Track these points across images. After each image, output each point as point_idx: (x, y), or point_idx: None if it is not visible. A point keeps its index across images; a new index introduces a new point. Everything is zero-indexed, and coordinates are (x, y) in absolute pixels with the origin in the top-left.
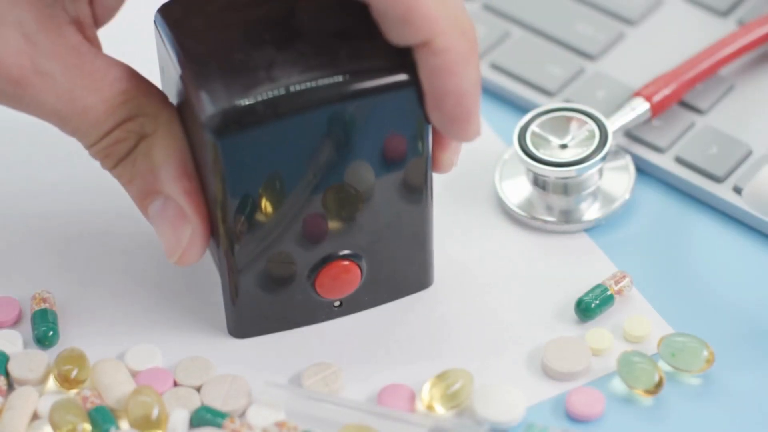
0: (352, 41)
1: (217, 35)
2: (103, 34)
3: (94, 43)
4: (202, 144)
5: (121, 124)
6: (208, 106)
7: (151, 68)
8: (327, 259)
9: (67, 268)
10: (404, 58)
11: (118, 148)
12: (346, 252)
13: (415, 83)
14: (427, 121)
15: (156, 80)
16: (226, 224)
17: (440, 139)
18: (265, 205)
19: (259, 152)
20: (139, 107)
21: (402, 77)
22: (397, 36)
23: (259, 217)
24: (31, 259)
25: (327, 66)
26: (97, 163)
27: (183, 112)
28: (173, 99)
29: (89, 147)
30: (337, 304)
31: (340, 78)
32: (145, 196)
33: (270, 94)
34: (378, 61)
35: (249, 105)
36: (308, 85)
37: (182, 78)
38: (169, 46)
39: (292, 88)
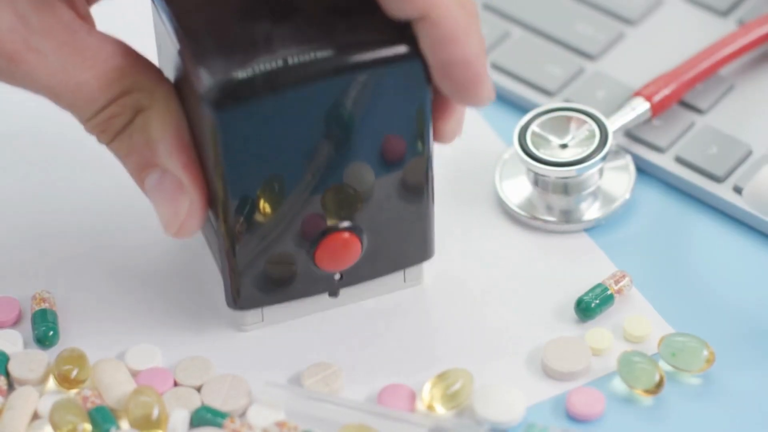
0: (350, 15)
1: (214, 9)
2: (100, 11)
3: (87, 20)
4: (200, 118)
5: (116, 99)
6: (206, 79)
7: (148, 45)
8: (327, 232)
9: (67, 268)
10: (403, 32)
11: (113, 123)
12: (346, 224)
13: (413, 55)
14: (430, 92)
15: (153, 57)
16: (225, 196)
17: (442, 108)
18: (265, 177)
19: (258, 125)
20: (134, 82)
21: (401, 49)
22: (396, 9)
23: (259, 189)
24: (31, 259)
25: (325, 39)
26: (97, 163)
27: (181, 87)
28: (171, 75)
29: (85, 122)
30: (337, 276)
31: (338, 51)
32: (141, 169)
33: (268, 67)
34: (376, 34)
35: (247, 78)
36: (306, 57)
37: (180, 52)
38: (166, 21)
39: (290, 61)
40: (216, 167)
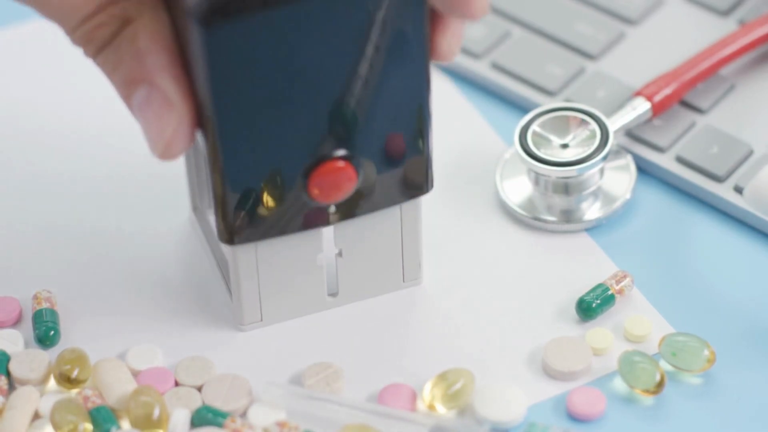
0: None
1: None
2: None
3: None
4: (189, 35)
5: (103, 7)
6: None
7: None
8: (321, 159)
9: (68, 267)
10: None
11: (100, 33)
12: (341, 152)
13: None
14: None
15: None
16: (214, 116)
17: (439, 23)
18: (256, 100)
19: (249, 43)
20: None
21: None
22: None
23: (250, 112)
24: (32, 258)
25: None
26: (97, 164)
27: (170, 2)
28: None
29: (71, 32)
30: (332, 210)
31: None
32: (129, 84)
33: None
34: None
35: None
36: None
37: None
38: None
39: None
40: (205, 86)
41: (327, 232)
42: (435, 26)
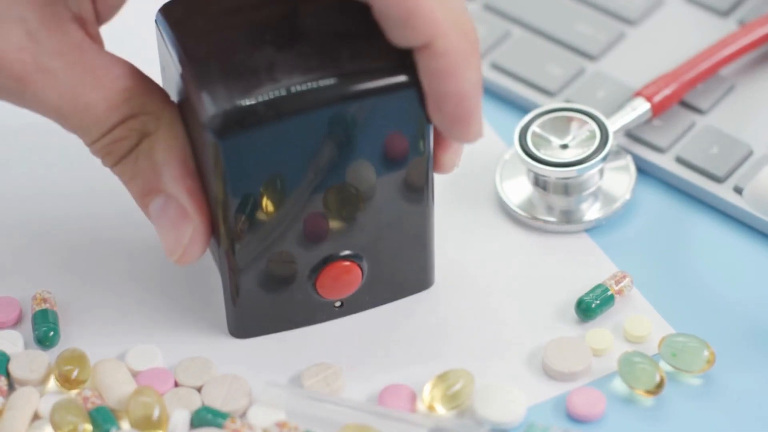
0: (353, 42)
1: (218, 35)
2: (105, 31)
3: (97, 40)
4: (203, 144)
5: (122, 122)
6: (209, 107)
7: (153, 67)
8: (328, 260)
9: (68, 268)
10: (405, 59)
11: (119, 146)
12: (347, 252)
13: (415, 84)
14: (429, 121)
15: (157, 79)
16: (226, 224)
17: (442, 139)
18: (266, 204)
19: (260, 152)
20: (141, 105)
21: (402, 78)
22: (399, 37)
23: (260, 216)
24: (32, 259)
25: (328, 67)
26: (97, 165)
27: (184, 111)
28: (174, 98)
29: (90, 144)
30: (338, 304)
31: (340, 79)
32: (146, 194)
33: (271, 95)
34: (378, 62)
35: (250, 105)
36: (309, 85)
37: (183, 78)
38: (170, 46)
39: (293, 89)
40: (218, 191)
41: None
42: (439, 144)
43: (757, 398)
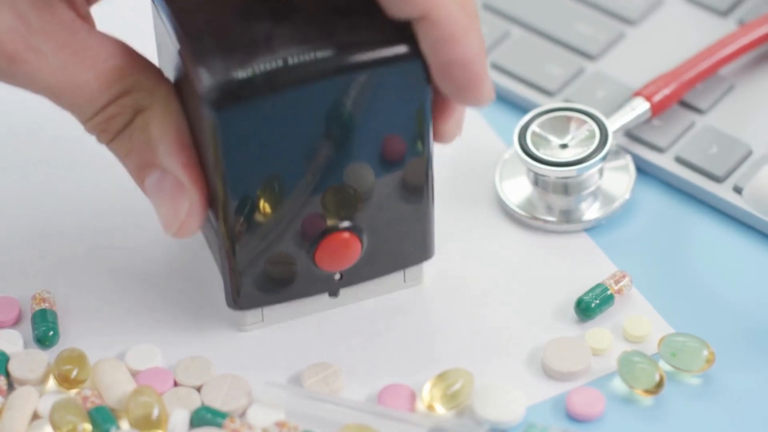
0: (350, 15)
1: (214, 9)
2: (100, 11)
3: (88, 20)
4: (200, 118)
5: (116, 99)
6: (206, 79)
7: (148, 45)
8: (327, 232)
9: (68, 267)
10: (403, 32)
11: (113, 123)
12: (346, 224)
13: (413, 55)
14: (431, 92)
15: (153, 57)
16: (225, 196)
17: (442, 108)
18: (265, 177)
19: (258, 125)
20: (134, 82)
21: (401, 49)
22: (396, 9)
23: (259, 189)
24: (31, 259)
25: (325, 39)
26: (97, 165)
27: (181, 88)
28: (171, 75)
29: (85, 122)
30: (337, 276)
31: (338, 51)
32: (141, 169)
33: (268, 67)
34: (376, 34)
35: (247, 77)
36: (306, 57)
37: (180, 53)
38: (166, 22)
39: (290, 61)
40: (216, 167)
41: None
42: (439, 111)
43: (757, 398)
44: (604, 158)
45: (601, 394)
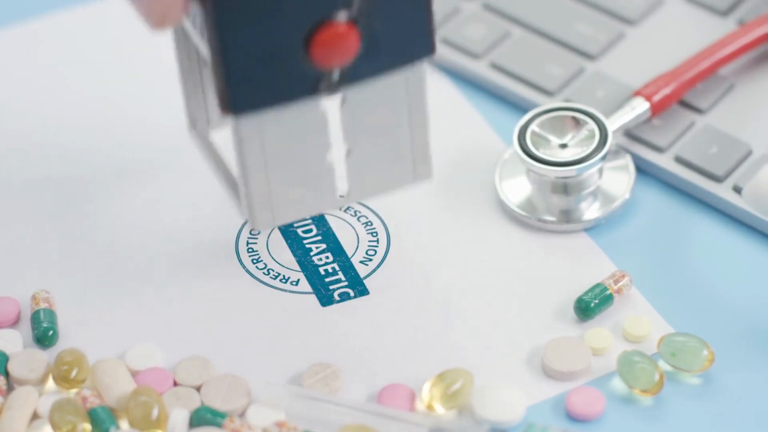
0: None
1: None
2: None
3: None
4: None
5: None
6: None
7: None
8: (322, 21)
9: (67, 268)
10: None
11: None
12: (342, 13)
13: None
14: None
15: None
16: None
17: None
18: None
19: None
20: None
21: None
22: None
23: None
24: (31, 259)
25: None
26: (97, 165)
27: None
28: None
29: None
30: (335, 76)
31: None
32: None
33: None
34: None
35: None
36: None
37: None
38: None
39: None
40: None
41: (334, 128)
42: None
43: (757, 398)
44: (603, 158)
45: (601, 394)
